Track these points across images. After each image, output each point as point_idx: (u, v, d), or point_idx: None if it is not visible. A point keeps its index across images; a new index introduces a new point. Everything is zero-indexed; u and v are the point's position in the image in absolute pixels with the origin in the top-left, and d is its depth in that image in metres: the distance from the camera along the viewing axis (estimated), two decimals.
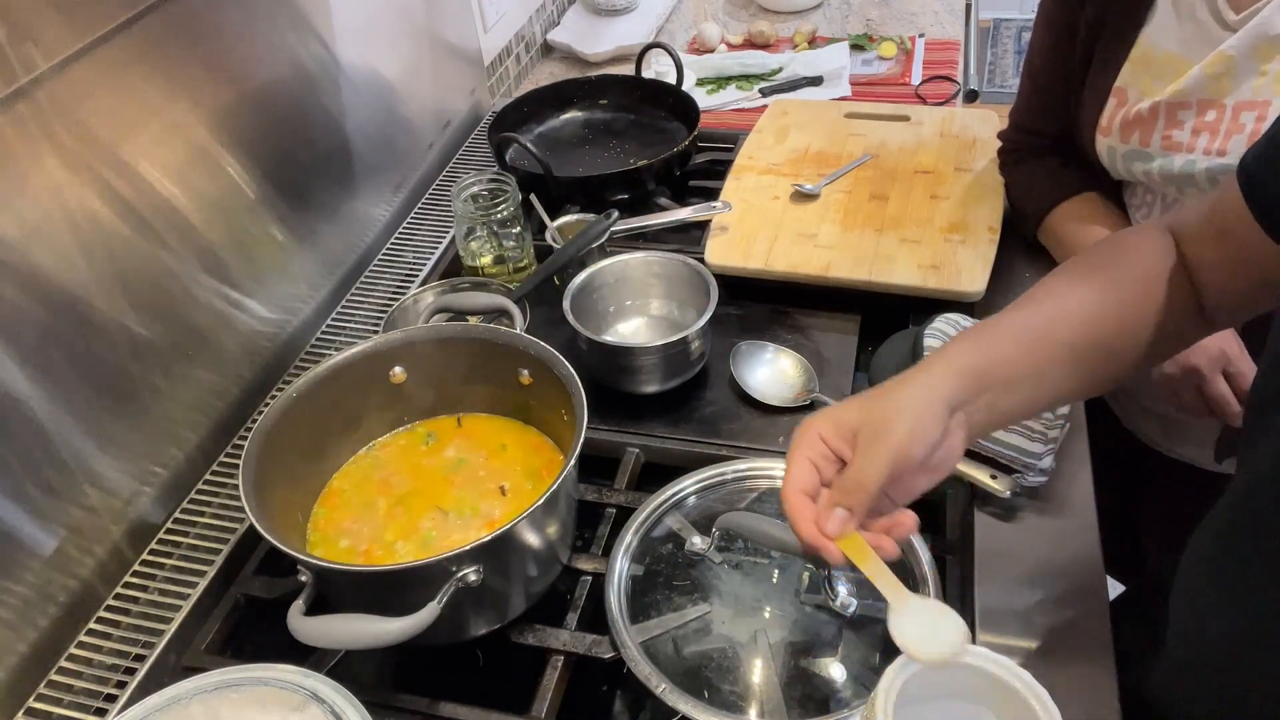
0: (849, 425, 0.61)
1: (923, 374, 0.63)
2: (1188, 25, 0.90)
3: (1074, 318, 0.67)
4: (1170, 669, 0.70)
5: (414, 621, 0.67)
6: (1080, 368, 0.67)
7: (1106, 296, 0.68)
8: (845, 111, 1.37)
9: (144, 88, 0.88)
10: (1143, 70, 0.93)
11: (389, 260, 1.26)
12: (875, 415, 0.61)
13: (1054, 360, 0.66)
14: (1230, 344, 0.92)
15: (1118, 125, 0.95)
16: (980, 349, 0.65)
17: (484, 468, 0.88)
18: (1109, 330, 0.67)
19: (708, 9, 1.99)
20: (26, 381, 0.78)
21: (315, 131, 1.15)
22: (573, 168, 1.36)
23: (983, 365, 0.64)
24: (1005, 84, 3.74)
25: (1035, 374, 0.66)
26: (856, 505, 0.59)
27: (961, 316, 0.95)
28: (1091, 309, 0.67)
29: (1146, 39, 0.93)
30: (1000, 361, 0.65)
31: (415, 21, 1.37)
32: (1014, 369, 0.65)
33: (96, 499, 0.86)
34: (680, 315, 1.08)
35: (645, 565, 0.80)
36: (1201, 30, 0.88)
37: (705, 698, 0.69)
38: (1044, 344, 0.66)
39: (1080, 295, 0.68)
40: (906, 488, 0.62)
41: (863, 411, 0.62)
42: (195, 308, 0.96)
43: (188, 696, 0.68)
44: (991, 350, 0.65)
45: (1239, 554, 0.61)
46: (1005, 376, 0.65)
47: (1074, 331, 0.67)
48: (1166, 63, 0.91)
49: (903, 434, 0.59)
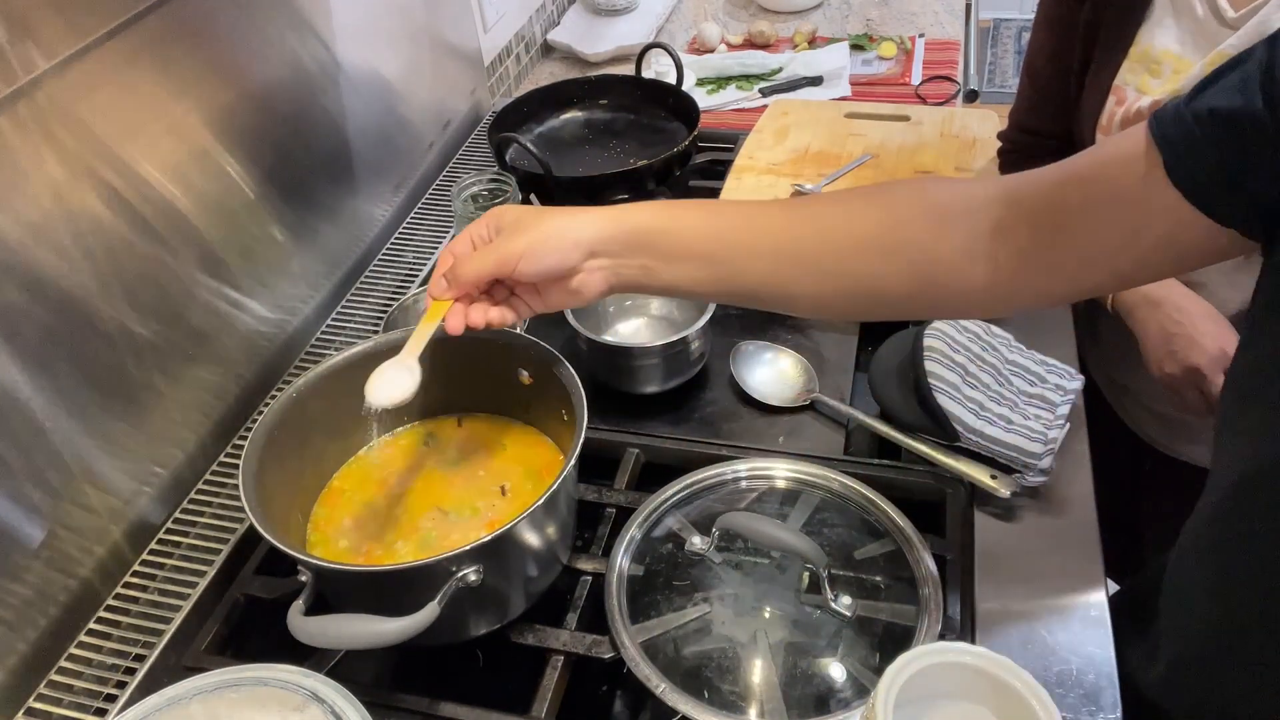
0: (504, 221, 0.71)
1: (585, 214, 0.70)
2: (1186, 22, 0.90)
3: (789, 222, 0.69)
4: (1163, 664, 0.70)
5: (414, 621, 0.67)
6: (778, 269, 0.68)
7: (848, 216, 0.68)
8: (845, 111, 1.37)
9: (144, 88, 0.88)
10: (1140, 68, 0.93)
11: (389, 260, 1.26)
12: (519, 225, 0.70)
13: (745, 252, 0.69)
14: (1231, 343, 0.92)
15: (1117, 123, 0.95)
16: (661, 217, 0.70)
17: (484, 468, 0.88)
18: (826, 245, 0.67)
19: (708, 9, 1.99)
20: (26, 381, 0.78)
21: (315, 131, 1.15)
22: (573, 168, 1.36)
23: (651, 231, 0.69)
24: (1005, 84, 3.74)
25: (710, 258, 0.69)
26: (453, 283, 0.71)
27: None
28: (815, 221, 0.68)
29: (1145, 37, 0.93)
30: (674, 235, 0.69)
31: (415, 21, 1.37)
32: (685, 247, 0.69)
33: (96, 499, 0.86)
34: (680, 315, 1.08)
35: (645, 565, 0.80)
36: (1200, 27, 0.88)
37: (705, 698, 0.69)
38: (740, 234, 0.69)
39: (819, 209, 0.70)
40: (545, 297, 0.72)
41: (521, 217, 0.70)
42: (195, 308, 0.96)
43: (188, 696, 0.68)
44: (672, 222, 0.69)
45: (1221, 545, 0.61)
46: (671, 249, 0.69)
47: (780, 233, 0.68)
48: (1164, 60, 0.91)
49: (515, 250, 0.68)
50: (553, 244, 0.68)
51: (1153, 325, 0.97)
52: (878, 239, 0.66)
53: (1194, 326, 0.94)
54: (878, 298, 0.68)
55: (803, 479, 0.85)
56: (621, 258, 0.70)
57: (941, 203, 0.66)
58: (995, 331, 0.94)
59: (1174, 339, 0.95)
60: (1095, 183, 0.59)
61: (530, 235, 0.69)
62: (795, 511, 0.83)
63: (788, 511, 0.83)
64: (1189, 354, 0.93)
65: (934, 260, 0.65)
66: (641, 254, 0.69)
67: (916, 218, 0.66)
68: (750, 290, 0.71)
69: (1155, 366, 0.97)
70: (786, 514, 0.83)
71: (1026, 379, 0.90)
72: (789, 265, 0.68)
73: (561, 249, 0.68)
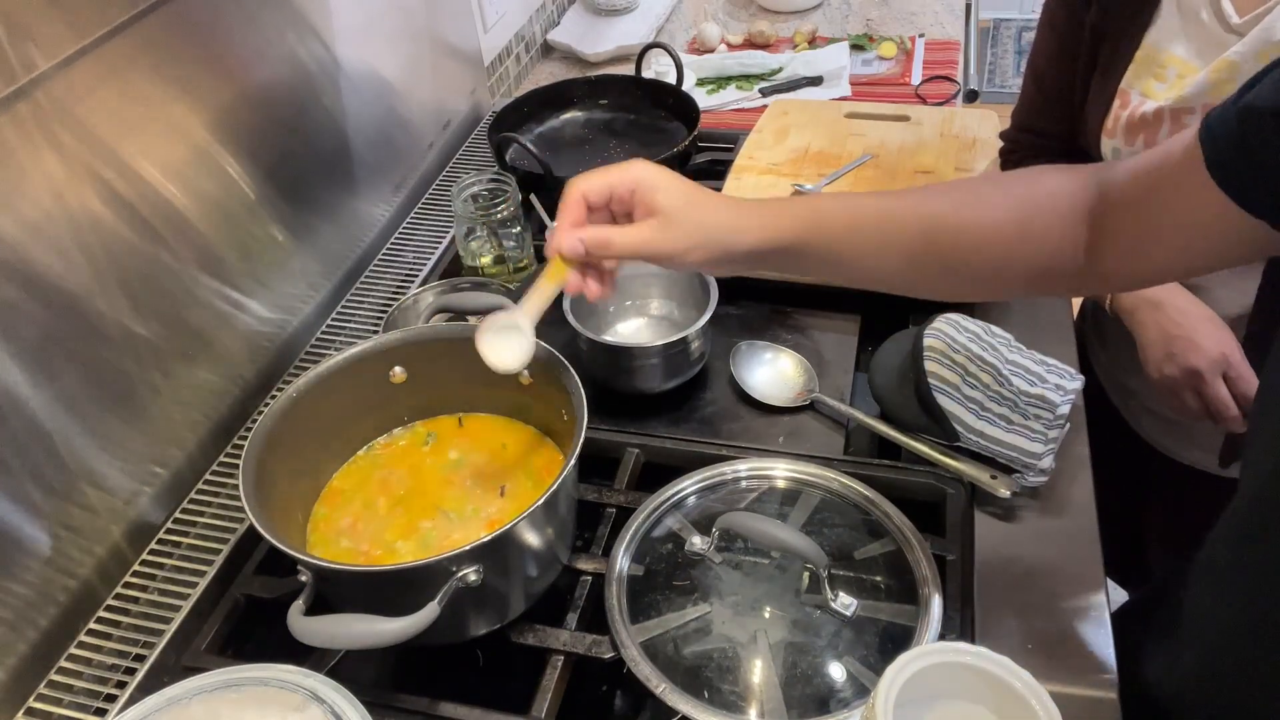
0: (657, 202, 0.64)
1: (741, 219, 0.65)
2: (1192, 27, 0.89)
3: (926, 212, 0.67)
4: (1186, 676, 0.70)
5: (414, 621, 0.67)
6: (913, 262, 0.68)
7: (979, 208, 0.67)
8: (845, 111, 1.37)
9: (144, 87, 0.88)
10: (1145, 72, 0.93)
11: (389, 260, 1.26)
12: (676, 220, 0.64)
13: (874, 252, 0.67)
14: (1231, 347, 0.92)
15: (1122, 127, 0.95)
16: (809, 228, 0.66)
17: (484, 468, 0.88)
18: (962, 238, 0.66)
19: (708, 9, 1.99)
20: (26, 381, 0.78)
21: (315, 131, 1.15)
22: (573, 168, 1.35)
23: (796, 244, 0.66)
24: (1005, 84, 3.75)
25: (840, 263, 0.68)
26: (592, 250, 0.65)
27: (962, 316, 0.95)
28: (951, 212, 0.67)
29: (1151, 40, 0.93)
30: (814, 247, 0.67)
31: (415, 21, 1.37)
32: (822, 259, 0.67)
33: (96, 499, 0.86)
34: (680, 315, 1.08)
35: (645, 565, 0.80)
36: (1206, 33, 0.88)
37: (705, 698, 0.69)
38: (874, 236, 0.67)
39: (952, 198, 0.68)
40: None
41: (678, 208, 0.64)
42: (195, 308, 0.96)
43: (188, 696, 0.68)
44: (816, 234, 0.66)
45: (1253, 561, 0.61)
46: (808, 262, 0.67)
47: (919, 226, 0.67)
48: (1170, 65, 0.91)
49: (670, 250, 0.64)
50: (706, 252, 0.65)
51: (1153, 327, 0.97)
52: (1009, 235, 0.67)
53: (1195, 329, 0.94)
54: (997, 287, 0.70)
55: (803, 479, 0.85)
56: (758, 265, 0.67)
57: (1055, 193, 0.67)
58: (995, 331, 0.94)
59: (1174, 341, 0.95)
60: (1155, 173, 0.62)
61: (688, 238, 0.65)
62: (795, 511, 0.83)
63: (788, 511, 0.83)
64: (1189, 357, 0.93)
65: (1054, 252, 0.67)
66: (779, 264, 0.68)
67: (1044, 212, 0.67)
68: (871, 283, 0.71)
69: (1154, 368, 0.97)
70: (786, 514, 0.83)
71: (1026, 379, 0.90)
72: (917, 268, 0.68)
73: (712, 258, 0.66)
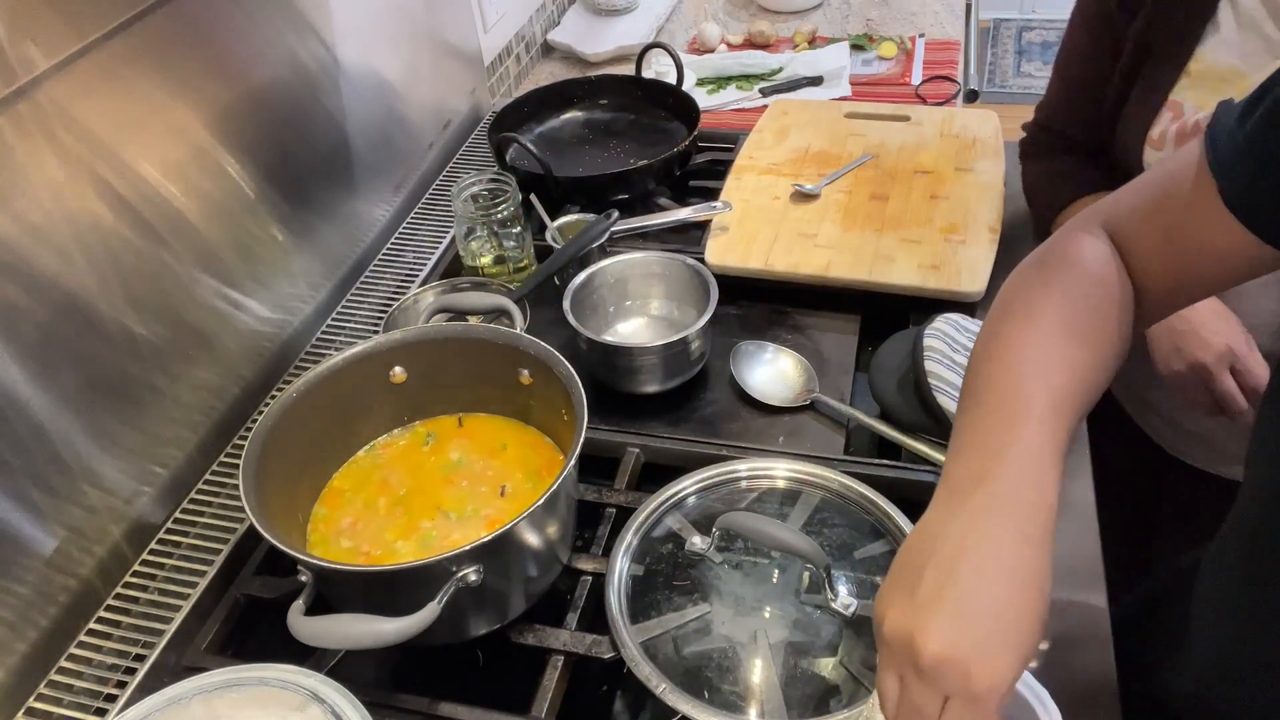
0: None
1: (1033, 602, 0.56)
2: (1251, 38, 0.89)
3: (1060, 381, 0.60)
4: (1192, 674, 0.70)
5: (414, 621, 0.67)
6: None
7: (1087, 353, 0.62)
8: (845, 111, 1.37)
9: (144, 88, 0.88)
10: (1204, 85, 0.92)
11: (389, 260, 1.26)
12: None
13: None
14: (1238, 340, 0.92)
15: (1171, 137, 0.95)
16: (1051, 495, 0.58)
17: (484, 468, 0.88)
18: (1090, 386, 0.62)
19: (708, 9, 1.99)
20: (26, 381, 0.78)
21: (315, 131, 1.15)
22: (573, 168, 1.36)
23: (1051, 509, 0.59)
24: (1005, 84, 3.75)
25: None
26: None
27: (961, 316, 0.95)
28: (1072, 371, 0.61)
29: (1208, 53, 0.92)
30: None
31: (415, 21, 1.37)
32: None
33: (96, 499, 0.86)
34: (680, 315, 1.08)
35: (645, 565, 0.80)
36: (1267, 43, 0.88)
37: (705, 698, 0.69)
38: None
39: (1062, 358, 0.61)
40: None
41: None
42: (195, 308, 0.96)
43: (188, 696, 0.68)
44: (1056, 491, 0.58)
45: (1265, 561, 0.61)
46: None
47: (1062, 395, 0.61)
48: (1228, 76, 0.91)
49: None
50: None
51: (1159, 324, 0.97)
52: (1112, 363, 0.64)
53: (1202, 324, 0.94)
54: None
55: (803, 479, 0.85)
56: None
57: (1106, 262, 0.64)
58: None
59: (1181, 336, 0.95)
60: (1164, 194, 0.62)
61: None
62: (795, 511, 0.83)
63: (788, 511, 0.83)
64: (1196, 351, 0.93)
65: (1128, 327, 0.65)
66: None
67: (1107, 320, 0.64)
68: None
69: (1162, 363, 0.97)
70: (786, 514, 0.83)
71: None
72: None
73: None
